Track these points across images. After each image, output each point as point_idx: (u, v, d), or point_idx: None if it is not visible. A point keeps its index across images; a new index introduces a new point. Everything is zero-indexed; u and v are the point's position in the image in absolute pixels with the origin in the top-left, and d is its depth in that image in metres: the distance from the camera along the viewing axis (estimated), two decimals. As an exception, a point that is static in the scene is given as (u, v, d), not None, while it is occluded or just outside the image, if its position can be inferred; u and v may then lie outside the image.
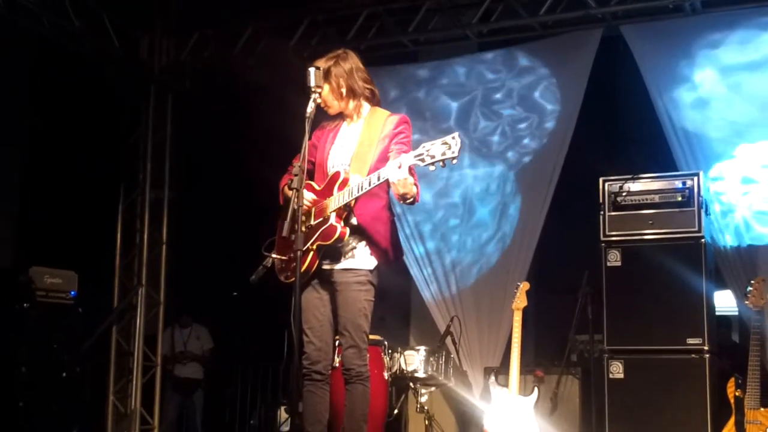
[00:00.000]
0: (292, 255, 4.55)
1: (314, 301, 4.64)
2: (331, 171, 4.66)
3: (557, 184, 8.04)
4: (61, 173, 9.08)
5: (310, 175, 4.79)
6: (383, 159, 4.58)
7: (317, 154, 4.77)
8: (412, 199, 4.38)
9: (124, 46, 9.04)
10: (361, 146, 4.65)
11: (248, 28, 8.90)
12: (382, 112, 4.75)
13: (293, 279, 4.49)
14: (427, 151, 4.21)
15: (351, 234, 4.57)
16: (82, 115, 9.06)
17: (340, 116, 4.80)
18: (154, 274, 9.30)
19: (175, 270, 9.37)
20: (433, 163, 4.21)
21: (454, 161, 4.19)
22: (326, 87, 4.66)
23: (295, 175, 4.36)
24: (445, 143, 4.18)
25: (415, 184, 4.39)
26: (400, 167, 4.26)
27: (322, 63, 4.71)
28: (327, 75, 4.67)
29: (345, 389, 4.65)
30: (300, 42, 8.54)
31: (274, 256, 4.70)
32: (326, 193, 4.58)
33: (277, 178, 4.89)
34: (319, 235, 4.52)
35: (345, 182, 4.55)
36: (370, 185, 4.44)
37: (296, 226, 4.34)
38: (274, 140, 5.14)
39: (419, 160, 4.22)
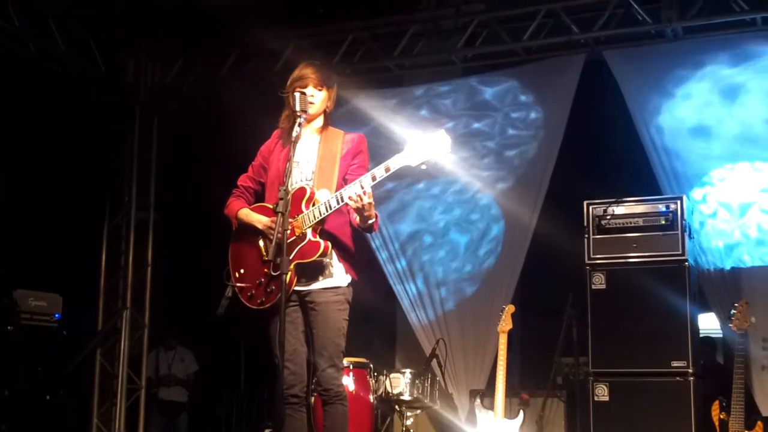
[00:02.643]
0: (262, 280, 4.51)
1: (286, 326, 4.47)
2: (290, 189, 4.51)
3: (542, 207, 8.09)
4: (45, 195, 9.04)
5: (259, 197, 4.74)
6: (345, 176, 4.61)
7: (267, 175, 4.70)
8: (372, 222, 4.42)
9: (110, 69, 9.07)
10: (323, 162, 4.60)
11: (234, 52, 8.94)
12: (336, 131, 4.72)
13: (269, 304, 4.46)
14: (414, 151, 4.23)
15: None
16: (66, 136, 9.04)
17: (286, 135, 4.65)
18: (139, 296, 9.28)
19: (160, 292, 9.34)
20: (423, 163, 4.23)
21: (446, 155, 4.21)
22: (325, 94, 4.65)
23: (281, 199, 4.26)
24: (432, 141, 4.22)
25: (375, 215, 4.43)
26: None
27: (327, 71, 4.74)
28: (332, 84, 4.69)
29: (323, 410, 4.59)
30: (285, 67, 8.57)
31: (238, 284, 4.61)
32: (291, 211, 4.40)
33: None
34: (296, 253, 4.43)
35: (312, 197, 4.49)
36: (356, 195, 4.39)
37: (282, 250, 4.21)
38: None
39: (409, 161, 4.24)
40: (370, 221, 4.41)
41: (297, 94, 4.50)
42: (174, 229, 9.52)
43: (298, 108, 4.47)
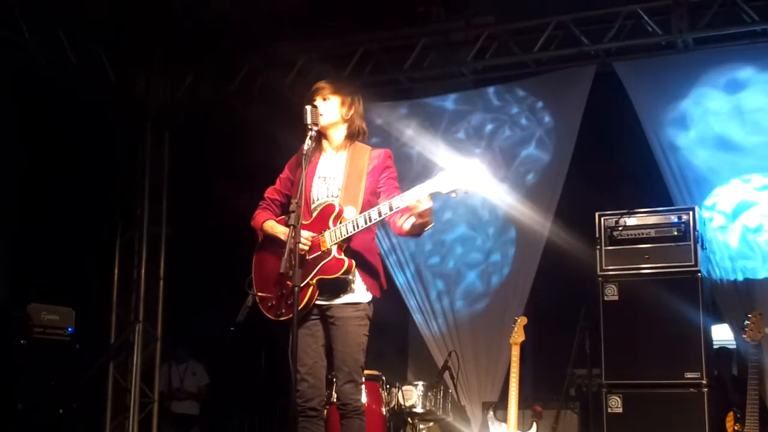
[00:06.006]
0: (284, 291, 4.53)
1: (305, 339, 4.56)
2: (315, 204, 4.62)
3: (553, 218, 8.08)
4: (57, 209, 9.07)
5: (285, 209, 4.72)
6: (373, 192, 4.63)
7: (293, 188, 4.70)
8: (428, 228, 4.46)
9: (121, 83, 9.09)
10: (350, 178, 4.63)
11: (245, 66, 8.97)
12: (363, 146, 4.75)
13: (288, 316, 4.45)
14: (448, 178, 4.24)
15: None
16: (78, 150, 9.07)
17: (315, 149, 4.69)
18: (151, 309, 9.28)
19: (172, 305, 9.35)
20: (454, 191, 4.24)
21: (476, 188, 4.23)
22: (337, 100, 4.70)
23: (292, 212, 4.31)
24: (466, 170, 4.21)
25: None
26: (420, 199, 4.29)
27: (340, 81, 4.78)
28: (345, 92, 4.73)
29: (340, 424, 4.62)
30: (296, 79, 8.60)
31: (260, 294, 4.65)
32: (318, 226, 4.52)
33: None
34: (319, 269, 4.48)
35: (340, 214, 4.52)
36: (380, 216, 4.41)
37: (293, 263, 4.26)
38: (272, 176, 5.14)
39: (441, 188, 4.25)
40: (427, 228, 4.47)
41: (307, 108, 4.56)
42: (186, 243, 9.54)
43: (308, 121, 4.52)
